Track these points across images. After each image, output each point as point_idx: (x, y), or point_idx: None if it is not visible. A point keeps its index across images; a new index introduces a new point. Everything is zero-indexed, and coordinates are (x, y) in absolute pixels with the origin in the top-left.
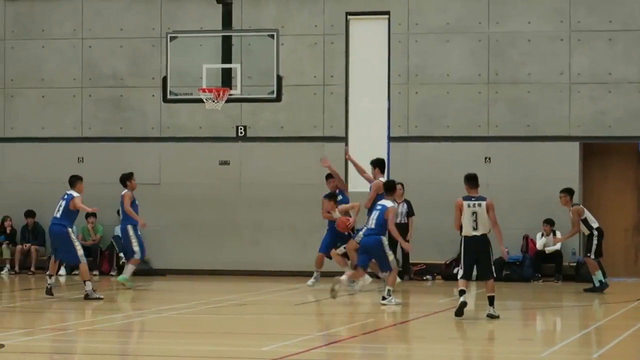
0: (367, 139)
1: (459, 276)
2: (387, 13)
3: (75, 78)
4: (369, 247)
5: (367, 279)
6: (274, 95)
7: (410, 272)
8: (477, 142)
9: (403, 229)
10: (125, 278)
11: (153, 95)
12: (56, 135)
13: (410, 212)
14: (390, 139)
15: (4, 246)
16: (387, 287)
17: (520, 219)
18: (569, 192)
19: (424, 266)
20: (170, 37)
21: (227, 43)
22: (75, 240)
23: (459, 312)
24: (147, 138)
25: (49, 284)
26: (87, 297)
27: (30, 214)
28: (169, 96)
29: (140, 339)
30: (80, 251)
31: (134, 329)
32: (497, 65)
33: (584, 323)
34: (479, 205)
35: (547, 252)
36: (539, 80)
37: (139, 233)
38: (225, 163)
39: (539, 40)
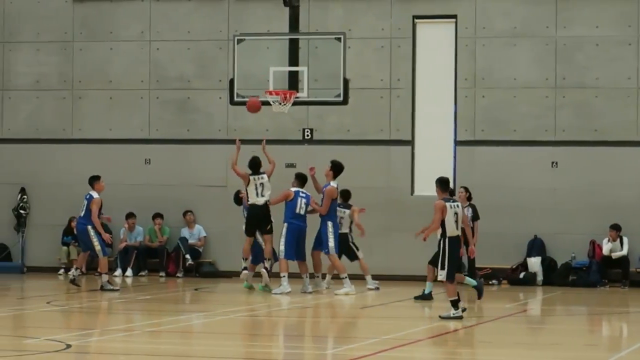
0: (433, 142)
1: (444, 278)
2: (454, 17)
3: (142, 80)
4: None
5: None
6: (341, 99)
7: (476, 276)
8: (544, 146)
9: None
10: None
11: (220, 98)
12: (123, 136)
13: (475, 216)
14: (457, 142)
15: (71, 247)
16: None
17: (587, 224)
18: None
19: (490, 271)
20: (237, 39)
21: (294, 46)
22: (94, 237)
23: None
24: (213, 140)
25: (73, 275)
26: (102, 288)
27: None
28: (235, 98)
29: (204, 341)
30: (97, 247)
31: (199, 331)
32: (564, 69)
33: None
34: (457, 206)
35: (613, 257)
36: (606, 85)
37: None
38: (291, 165)
39: (606, 45)
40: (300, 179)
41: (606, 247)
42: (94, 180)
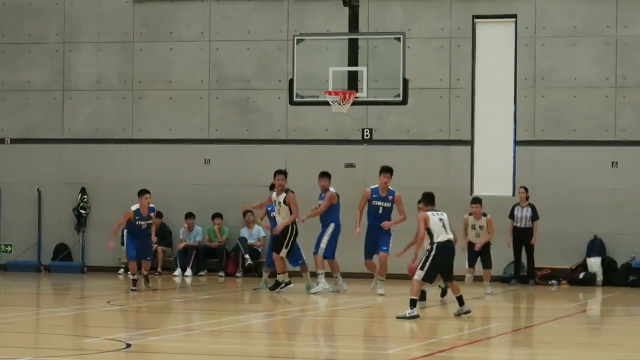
0: (493, 142)
1: (420, 278)
2: (514, 17)
3: (202, 80)
4: None
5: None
6: (400, 99)
7: (536, 277)
8: (604, 146)
9: (527, 233)
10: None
11: (279, 98)
12: (183, 137)
13: (534, 217)
14: (517, 142)
15: None
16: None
17: None
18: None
19: (550, 271)
20: (297, 40)
21: (353, 46)
22: (125, 244)
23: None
24: (273, 140)
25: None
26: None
27: (157, 215)
28: (295, 99)
29: (264, 341)
30: (124, 249)
31: (259, 331)
32: (625, 69)
33: None
34: (442, 214)
35: None
36: None
37: None
38: (351, 166)
39: None
40: (329, 176)
41: None
42: (139, 194)
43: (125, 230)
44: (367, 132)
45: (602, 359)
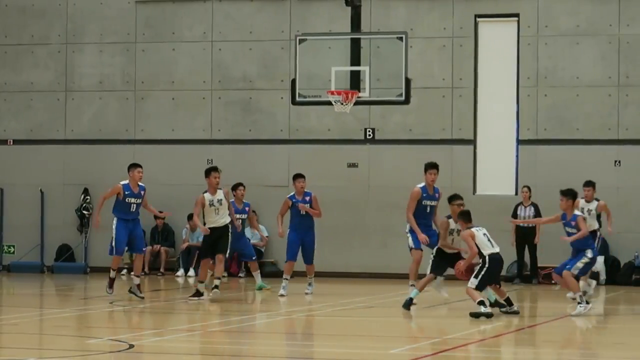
0: (496, 141)
1: (473, 286)
2: (517, 15)
3: (205, 80)
4: None
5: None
6: (403, 98)
7: (538, 276)
8: (607, 145)
9: (530, 232)
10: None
11: (282, 98)
12: (186, 137)
13: (537, 215)
14: (519, 141)
15: None
16: None
17: None
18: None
19: (552, 270)
20: (300, 39)
21: (356, 45)
22: (114, 231)
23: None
24: (276, 140)
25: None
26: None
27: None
28: (297, 99)
29: (267, 341)
30: (112, 243)
31: (262, 331)
32: (627, 67)
33: None
34: (482, 228)
35: None
36: None
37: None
38: (353, 165)
39: None
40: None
41: None
42: (128, 168)
43: (116, 219)
44: (369, 131)
45: (605, 358)
